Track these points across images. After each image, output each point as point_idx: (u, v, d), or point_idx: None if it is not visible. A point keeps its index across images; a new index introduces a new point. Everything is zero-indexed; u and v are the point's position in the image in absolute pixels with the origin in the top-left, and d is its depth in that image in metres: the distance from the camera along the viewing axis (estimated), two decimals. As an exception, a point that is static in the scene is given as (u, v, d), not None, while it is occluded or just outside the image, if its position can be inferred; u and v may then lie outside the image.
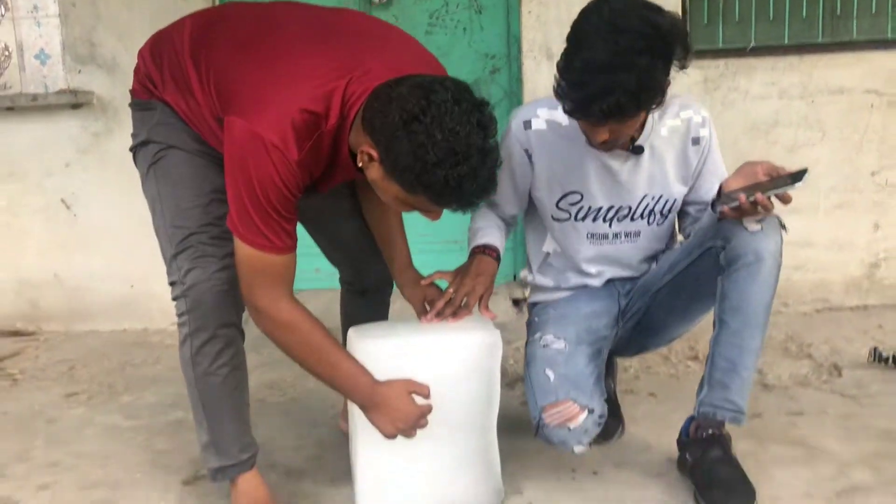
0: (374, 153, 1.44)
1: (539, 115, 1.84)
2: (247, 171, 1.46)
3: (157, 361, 2.97)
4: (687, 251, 1.79)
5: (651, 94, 1.56)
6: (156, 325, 3.36)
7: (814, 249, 3.10)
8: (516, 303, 3.26)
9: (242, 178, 1.47)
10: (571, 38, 1.60)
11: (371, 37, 1.66)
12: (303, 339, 1.58)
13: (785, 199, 1.56)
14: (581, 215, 1.88)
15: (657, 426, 2.14)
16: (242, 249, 1.53)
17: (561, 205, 1.88)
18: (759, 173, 1.58)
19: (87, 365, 2.95)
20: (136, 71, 1.78)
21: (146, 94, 1.73)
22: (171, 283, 1.68)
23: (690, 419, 1.84)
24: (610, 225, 1.88)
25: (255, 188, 1.46)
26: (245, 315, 1.68)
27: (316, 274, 2.79)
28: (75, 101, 3.19)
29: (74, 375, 2.85)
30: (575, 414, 1.72)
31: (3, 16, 3.46)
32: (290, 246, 1.54)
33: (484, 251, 1.86)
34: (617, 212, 1.88)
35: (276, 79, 1.50)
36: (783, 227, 1.67)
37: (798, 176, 1.51)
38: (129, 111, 3.08)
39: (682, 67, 1.59)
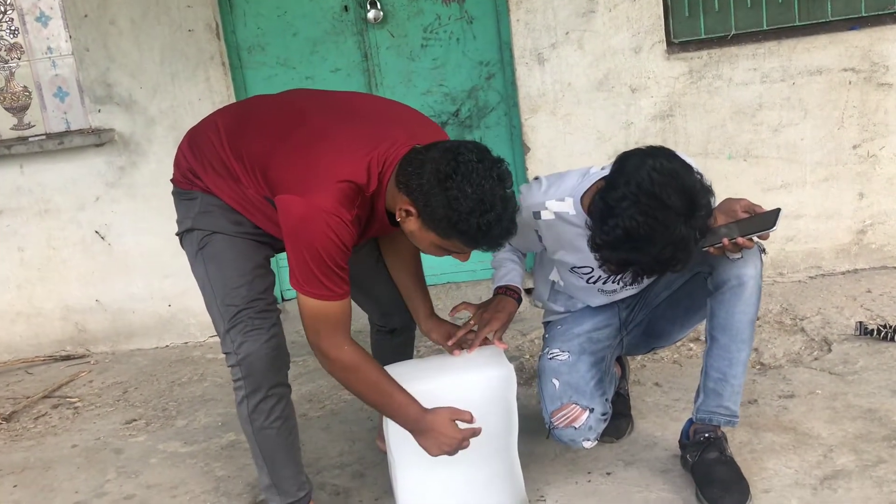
0: (413, 209, 1.69)
1: (548, 207, 1.94)
2: (308, 237, 1.71)
3: (202, 378, 3.23)
4: (679, 273, 1.99)
5: (681, 264, 1.68)
6: (195, 339, 3.63)
7: (804, 221, 3.29)
8: (528, 292, 3.47)
9: (305, 244, 1.71)
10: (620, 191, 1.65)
11: (384, 111, 1.94)
12: (363, 377, 1.82)
13: (763, 238, 1.75)
14: (592, 281, 2.07)
15: (662, 419, 2.38)
16: (308, 303, 1.77)
17: (574, 271, 2.06)
18: (738, 211, 1.79)
19: (138, 387, 3.22)
20: (177, 164, 2.02)
21: (188, 185, 1.97)
22: (226, 353, 1.93)
23: (690, 422, 2.07)
24: (619, 283, 2.06)
25: (318, 250, 1.70)
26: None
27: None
28: (98, 141, 3.39)
29: (129, 399, 3.12)
30: (578, 415, 1.99)
31: (20, 59, 3.65)
32: (348, 292, 1.78)
33: (506, 292, 2.10)
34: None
35: (317, 160, 1.75)
36: (763, 251, 1.87)
37: (773, 216, 1.71)
38: (150, 144, 3.34)
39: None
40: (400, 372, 1.94)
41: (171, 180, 2.04)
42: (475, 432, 1.86)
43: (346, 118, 1.85)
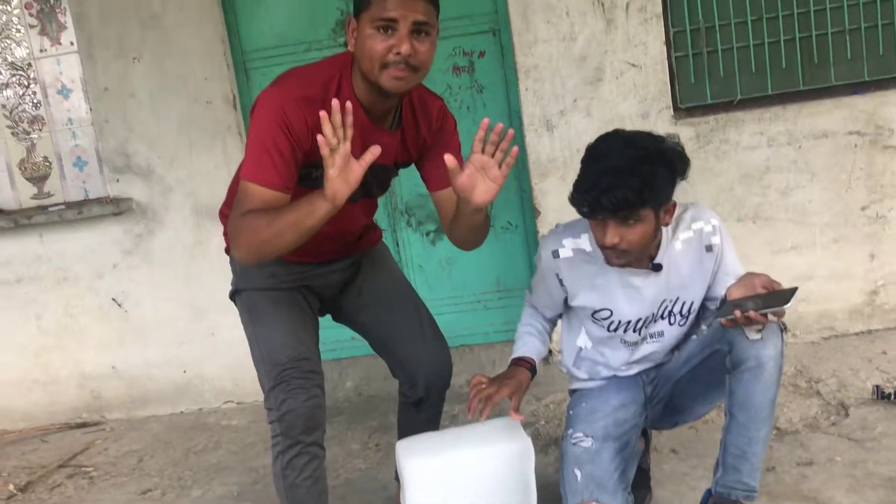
0: (350, 20, 1.80)
1: (565, 244, 2.06)
2: (257, 118, 1.78)
3: (217, 446, 3.23)
4: (700, 347, 2.01)
5: (652, 193, 1.82)
6: (210, 406, 3.64)
7: (815, 282, 3.30)
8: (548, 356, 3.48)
9: (253, 125, 1.78)
10: (587, 155, 1.90)
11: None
12: (261, 226, 1.72)
13: (779, 315, 1.77)
14: (613, 328, 2.10)
15: (680, 487, 2.37)
16: (240, 185, 1.78)
17: (596, 317, 2.10)
18: (757, 286, 1.80)
19: (153, 455, 3.22)
20: (223, 231, 2.10)
21: (228, 244, 2.02)
22: (268, 409, 1.98)
23: (709, 493, 2.06)
24: (639, 333, 2.10)
25: (261, 127, 1.75)
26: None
27: (353, 342, 3.04)
28: (117, 210, 3.45)
29: (144, 468, 3.12)
30: None
31: (41, 130, 3.75)
32: (276, 182, 1.74)
33: (518, 363, 2.13)
34: (645, 321, 2.09)
35: (285, 73, 1.88)
36: (783, 329, 1.88)
37: (789, 294, 1.73)
38: (167, 212, 3.42)
39: (683, 178, 1.92)
40: (419, 445, 1.96)
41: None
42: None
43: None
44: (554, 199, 3.31)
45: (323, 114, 1.63)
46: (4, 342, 3.66)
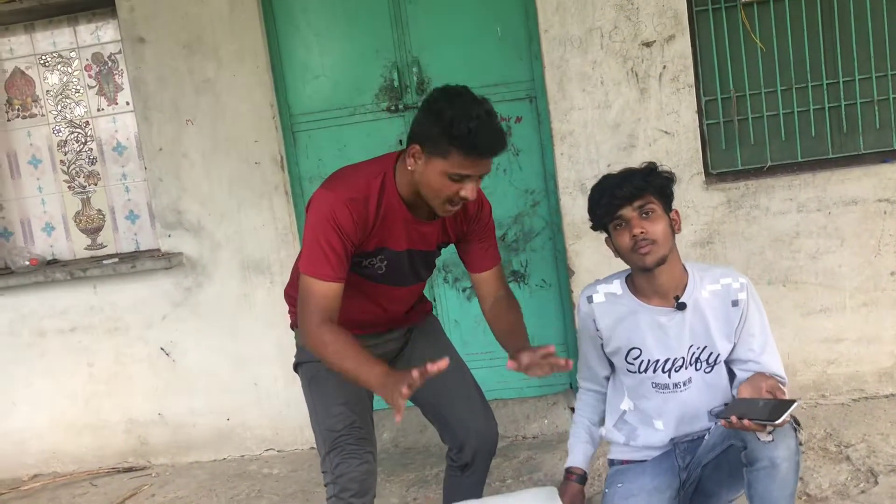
0: (416, 147, 1.97)
1: (598, 290, 2.29)
2: (311, 219, 2.02)
3: (259, 495, 3.34)
4: (720, 437, 2.09)
5: (657, 179, 2.13)
6: (251, 453, 3.76)
7: (845, 345, 3.37)
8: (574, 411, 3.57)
9: (308, 225, 2.02)
10: (594, 187, 2.22)
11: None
12: (332, 351, 1.96)
13: (776, 426, 1.84)
14: (643, 368, 2.23)
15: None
16: (302, 282, 2.02)
17: (628, 359, 2.24)
18: (762, 389, 1.91)
19: (198, 503, 3.35)
20: (289, 309, 2.34)
21: (295, 320, 2.27)
22: (324, 472, 2.15)
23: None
24: (669, 376, 2.21)
25: (315, 227, 1.99)
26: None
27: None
28: (168, 265, 3.61)
29: (190, 516, 3.25)
30: None
31: (96, 185, 3.94)
32: (331, 276, 1.98)
33: (569, 476, 2.31)
34: (673, 363, 2.21)
35: (339, 174, 2.14)
36: (797, 427, 1.95)
37: (784, 408, 1.80)
38: (214, 265, 3.57)
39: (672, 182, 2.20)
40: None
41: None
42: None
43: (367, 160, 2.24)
44: (587, 259, 3.41)
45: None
46: (58, 388, 3.82)
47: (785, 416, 1.79)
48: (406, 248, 2.14)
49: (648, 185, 2.10)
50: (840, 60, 3.28)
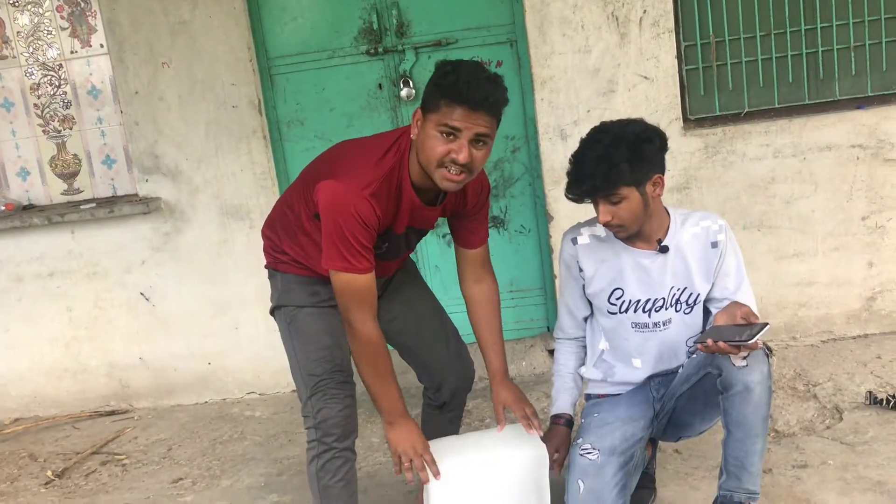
0: (418, 110, 1.98)
1: (582, 232, 2.31)
2: (333, 215, 1.98)
3: (242, 437, 3.40)
4: (695, 368, 2.15)
5: (620, 175, 2.04)
6: (233, 396, 3.81)
7: (815, 288, 3.45)
8: (552, 353, 3.64)
9: (331, 221, 1.99)
10: (572, 154, 2.15)
11: (405, 128, 2.20)
12: (373, 356, 2.08)
13: (747, 348, 1.91)
14: (625, 308, 2.28)
15: (682, 487, 2.53)
16: (336, 277, 2.03)
17: (611, 300, 2.29)
18: (737, 316, 1.96)
19: (182, 444, 3.39)
20: (264, 247, 2.32)
21: (272, 262, 2.27)
22: (305, 417, 2.18)
23: (716, 499, 2.21)
24: (649, 315, 2.27)
25: (341, 225, 1.97)
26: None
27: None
28: (146, 210, 3.59)
29: (174, 456, 3.29)
30: None
31: (71, 129, 3.89)
32: (368, 268, 2.03)
33: (556, 420, 2.34)
34: (654, 304, 2.26)
35: (349, 156, 2.08)
36: (769, 353, 2.02)
37: (756, 330, 1.87)
38: (194, 211, 3.60)
39: (664, 149, 2.15)
40: (439, 447, 2.11)
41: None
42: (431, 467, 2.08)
43: (368, 137, 2.24)
44: (566, 205, 3.39)
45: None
46: (37, 333, 3.82)
47: (758, 337, 1.86)
48: (405, 230, 2.16)
49: (615, 185, 2.06)
50: (818, 6, 3.30)
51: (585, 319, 2.41)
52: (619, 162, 2.03)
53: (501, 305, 3.50)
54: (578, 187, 2.10)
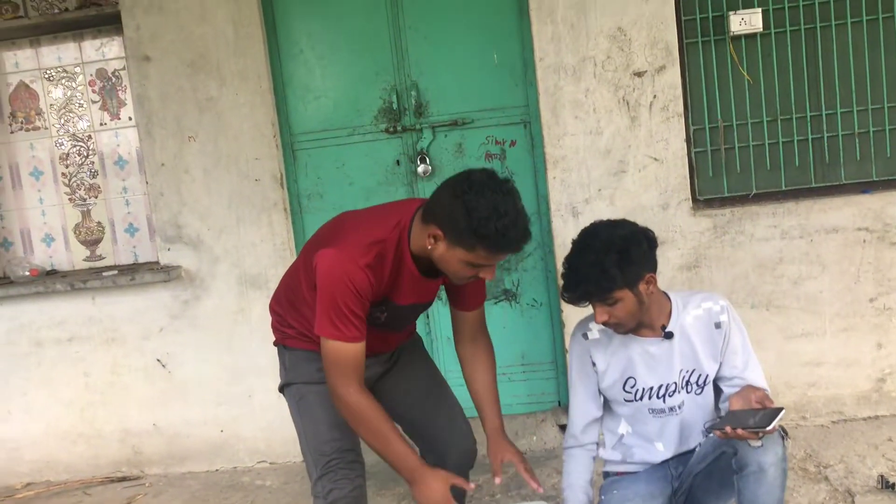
0: (439, 231, 1.98)
1: (591, 328, 2.35)
2: (327, 282, 2.02)
3: (252, 507, 3.41)
4: (712, 447, 2.19)
5: (611, 281, 2.10)
6: (244, 465, 3.82)
7: (825, 368, 3.48)
8: (563, 428, 3.65)
9: (324, 288, 2.03)
10: (570, 248, 2.23)
11: (404, 200, 2.32)
12: (366, 422, 2.07)
13: (767, 432, 1.95)
14: (639, 396, 2.33)
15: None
16: (324, 344, 2.06)
17: (626, 388, 2.33)
18: (752, 400, 2.01)
19: (193, 513, 3.41)
20: (272, 322, 2.37)
21: (280, 338, 2.32)
22: (315, 496, 2.20)
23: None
24: (664, 401, 2.32)
25: (333, 293, 2.00)
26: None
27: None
28: (167, 278, 3.68)
29: (184, 525, 3.30)
30: None
31: (96, 197, 4.01)
32: (357, 337, 2.05)
33: None
34: (666, 389, 2.31)
35: (349, 227, 2.13)
36: (784, 435, 2.05)
37: (772, 415, 1.91)
38: (212, 279, 3.62)
39: (653, 249, 2.21)
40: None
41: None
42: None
43: (381, 207, 2.28)
44: (577, 281, 3.50)
45: None
46: (54, 397, 3.87)
47: (775, 423, 1.90)
48: (409, 302, 2.22)
49: (608, 290, 2.12)
50: (823, 94, 3.41)
51: (597, 420, 2.42)
52: (609, 268, 2.10)
53: (512, 378, 3.56)
54: (573, 292, 2.16)
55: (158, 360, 3.81)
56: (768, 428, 1.90)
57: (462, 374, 2.46)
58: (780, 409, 1.93)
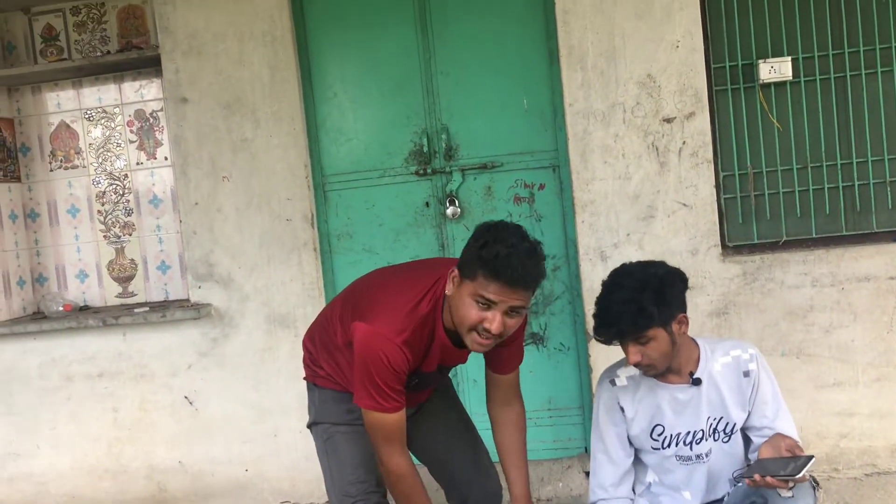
0: (456, 272, 2.04)
1: (619, 374, 2.36)
2: (365, 359, 2.05)
3: (275, 547, 3.39)
4: (741, 496, 2.16)
5: (647, 318, 2.11)
6: (268, 504, 3.81)
7: (857, 419, 3.41)
8: (589, 475, 3.61)
9: (362, 364, 2.06)
10: (602, 288, 2.23)
11: (440, 260, 2.35)
12: (406, 488, 2.13)
13: (797, 481, 1.93)
14: (667, 443, 2.31)
15: None
16: (366, 414, 2.10)
17: (653, 436, 2.32)
18: (781, 448, 1.98)
19: (215, 552, 3.39)
20: (304, 358, 2.40)
21: (310, 376, 2.36)
22: None
23: None
24: (691, 448, 2.29)
25: (371, 371, 2.04)
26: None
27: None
28: (197, 316, 3.72)
29: (207, 564, 3.28)
30: None
31: (130, 235, 4.08)
32: (397, 408, 2.10)
33: None
34: (693, 436, 2.29)
35: (386, 295, 2.14)
36: (816, 486, 2.03)
37: (803, 463, 1.89)
38: (241, 317, 3.65)
39: (685, 289, 2.26)
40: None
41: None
42: None
43: (415, 268, 2.31)
44: (605, 325, 3.49)
45: None
46: (82, 432, 3.90)
47: (805, 471, 1.87)
48: (437, 367, 2.24)
49: (644, 328, 2.12)
50: (854, 141, 3.41)
51: (629, 473, 2.38)
52: (647, 305, 2.10)
53: (539, 423, 3.54)
54: (607, 331, 2.16)
55: (186, 398, 3.84)
56: (798, 476, 1.87)
57: (492, 434, 2.45)
58: (810, 458, 1.91)
